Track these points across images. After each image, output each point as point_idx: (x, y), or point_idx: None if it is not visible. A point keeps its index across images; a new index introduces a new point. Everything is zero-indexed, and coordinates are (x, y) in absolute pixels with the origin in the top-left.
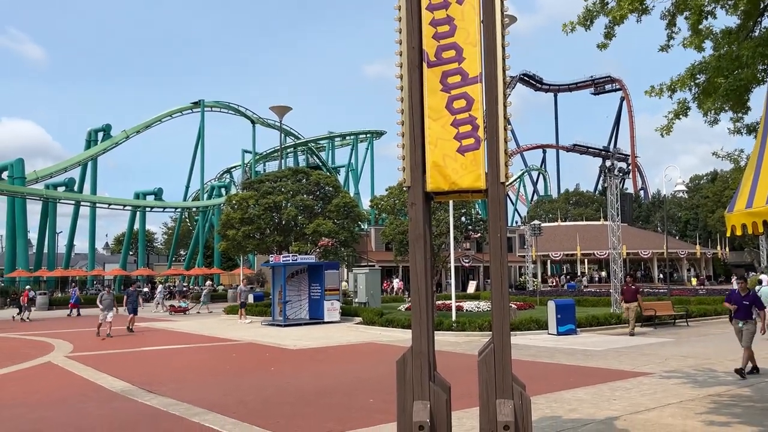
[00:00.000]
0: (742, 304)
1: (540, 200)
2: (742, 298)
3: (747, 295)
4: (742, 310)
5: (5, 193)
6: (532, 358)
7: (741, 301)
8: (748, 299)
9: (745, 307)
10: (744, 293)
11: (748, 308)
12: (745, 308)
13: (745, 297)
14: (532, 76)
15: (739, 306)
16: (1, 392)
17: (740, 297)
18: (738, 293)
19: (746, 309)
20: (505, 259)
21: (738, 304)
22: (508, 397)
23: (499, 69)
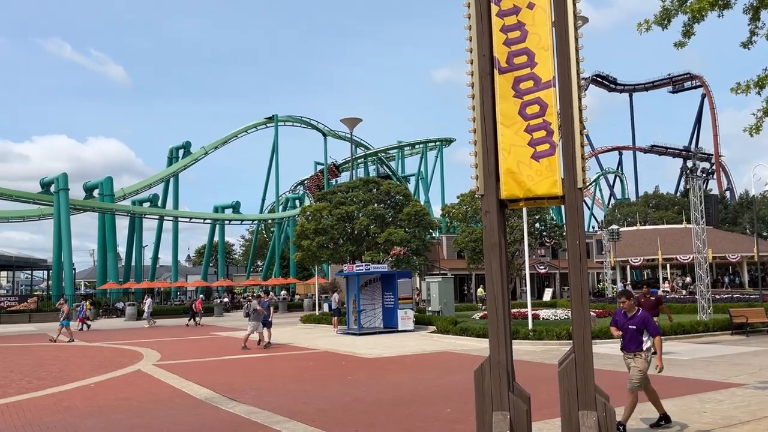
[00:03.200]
0: (628, 329)
1: (617, 204)
2: (627, 320)
3: (634, 317)
4: (628, 336)
5: (96, 210)
6: (613, 367)
7: (626, 325)
8: (636, 322)
9: (633, 333)
10: (631, 313)
11: (637, 334)
12: (632, 335)
13: (631, 319)
14: (606, 77)
15: (625, 331)
16: (99, 399)
17: (625, 319)
18: (623, 314)
19: (634, 336)
20: (585, 267)
21: (623, 329)
22: (592, 408)
23: (573, 72)
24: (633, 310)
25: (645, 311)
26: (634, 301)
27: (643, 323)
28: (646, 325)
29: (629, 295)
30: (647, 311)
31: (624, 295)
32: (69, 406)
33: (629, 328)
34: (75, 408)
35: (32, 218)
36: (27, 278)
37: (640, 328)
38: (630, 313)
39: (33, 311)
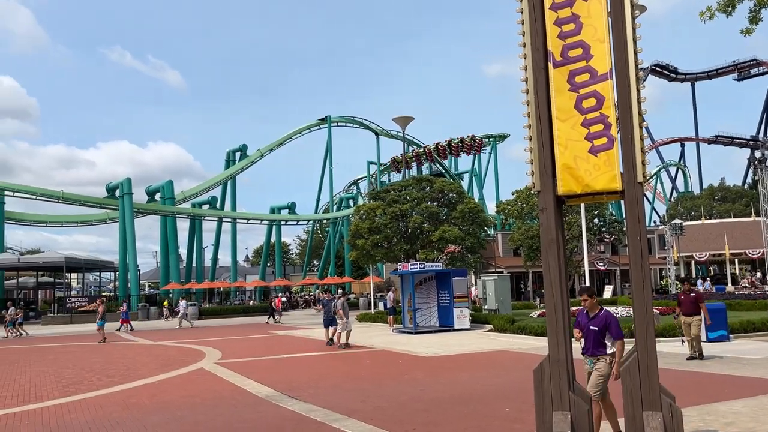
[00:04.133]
0: (590, 331)
1: (680, 197)
2: (589, 321)
3: (596, 317)
4: (590, 339)
5: (159, 213)
6: (678, 366)
7: (588, 326)
8: (597, 323)
9: (595, 335)
10: (593, 313)
11: (600, 337)
12: (594, 337)
13: (593, 319)
14: (666, 66)
15: (586, 334)
16: (165, 396)
17: (587, 319)
18: (585, 313)
19: (596, 338)
20: (647, 263)
21: (585, 332)
22: (656, 408)
23: (631, 64)
24: (595, 309)
25: (608, 311)
26: (594, 300)
27: (605, 324)
28: (609, 327)
29: (591, 292)
30: (690, 308)
31: (585, 292)
32: (136, 402)
33: (591, 330)
34: (142, 405)
35: (99, 222)
36: (95, 280)
37: (602, 329)
38: (592, 313)
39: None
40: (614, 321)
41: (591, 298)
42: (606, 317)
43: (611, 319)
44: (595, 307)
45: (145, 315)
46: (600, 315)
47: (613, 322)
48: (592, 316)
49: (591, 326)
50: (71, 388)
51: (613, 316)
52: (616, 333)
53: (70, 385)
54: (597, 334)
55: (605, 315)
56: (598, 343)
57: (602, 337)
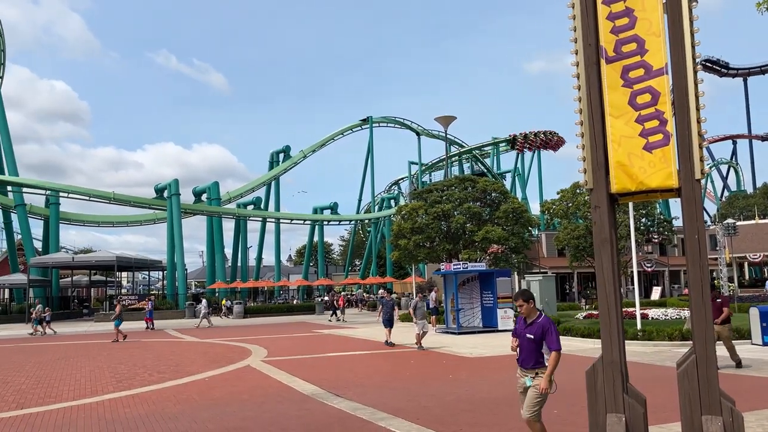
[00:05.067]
0: (526, 340)
1: (732, 196)
2: (525, 328)
3: (533, 324)
4: (525, 349)
5: (205, 213)
6: (734, 370)
7: (524, 334)
8: (534, 330)
9: (530, 345)
10: (530, 319)
11: (536, 346)
12: (529, 347)
13: (530, 326)
14: (716, 62)
15: (521, 343)
16: (214, 392)
17: (523, 326)
18: (522, 320)
19: (532, 348)
20: (705, 263)
21: (520, 341)
22: (716, 413)
23: (689, 58)
24: (533, 315)
25: (548, 318)
26: (532, 304)
27: (543, 332)
28: (546, 335)
29: (527, 297)
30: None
31: (520, 297)
32: (187, 398)
33: (526, 338)
34: (192, 400)
35: (148, 222)
36: (144, 278)
37: (539, 338)
38: (529, 320)
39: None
40: (553, 329)
41: (527, 302)
42: (544, 324)
43: (550, 327)
44: (532, 313)
45: (192, 313)
46: (537, 322)
47: (552, 330)
48: (528, 323)
49: (527, 334)
50: (125, 383)
51: (553, 324)
52: (553, 343)
53: (123, 380)
54: (533, 343)
55: (543, 322)
56: (535, 354)
57: (540, 347)
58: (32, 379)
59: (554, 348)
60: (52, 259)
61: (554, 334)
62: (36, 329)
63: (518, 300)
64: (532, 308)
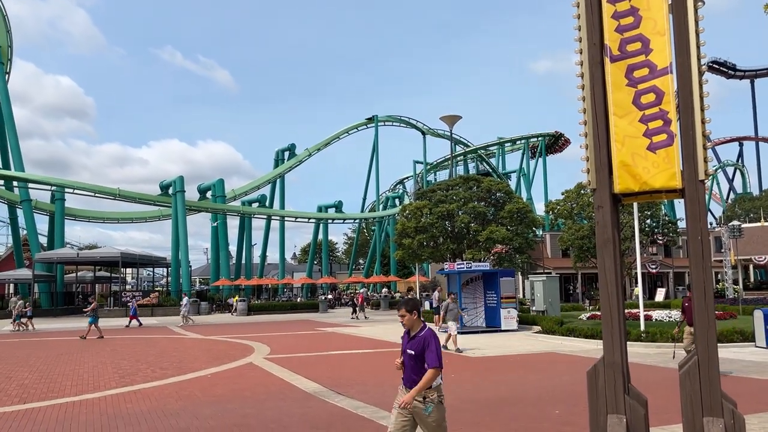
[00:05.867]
0: (407, 356)
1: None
2: (408, 342)
3: (415, 337)
4: (408, 367)
5: (210, 210)
6: (738, 373)
7: (405, 349)
8: (415, 345)
9: (412, 361)
10: (414, 332)
11: (418, 364)
12: (412, 363)
13: (412, 340)
14: (724, 63)
15: (405, 360)
16: (215, 389)
17: (407, 341)
18: (407, 332)
19: (414, 366)
20: (709, 264)
21: (404, 357)
22: (718, 415)
23: (693, 58)
24: (416, 327)
25: (432, 330)
26: (417, 315)
27: (423, 347)
28: (426, 350)
29: (411, 307)
30: (691, 318)
31: (403, 306)
32: (189, 394)
33: (408, 354)
34: (194, 396)
35: (153, 219)
36: (149, 275)
37: (419, 354)
38: (413, 332)
39: (155, 306)
40: (434, 343)
41: (410, 313)
42: (425, 338)
43: (430, 341)
44: (416, 325)
45: (196, 310)
46: (419, 336)
47: (433, 344)
48: (411, 337)
49: (408, 350)
50: (127, 379)
51: (435, 338)
52: (432, 360)
53: (126, 376)
54: (415, 360)
55: (425, 335)
56: (416, 371)
57: (421, 363)
58: (35, 374)
59: (432, 365)
60: (57, 255)
61: (435, 348)
62: (19, 325)
63: (400, 310)
64: (415, 320)
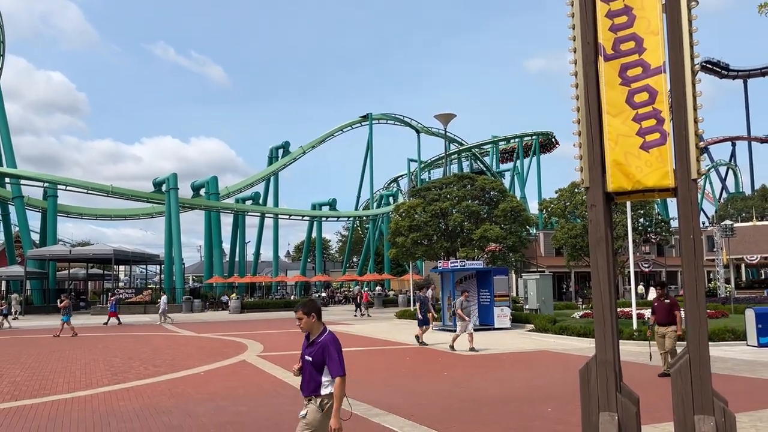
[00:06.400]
0: (305, 362)
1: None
2: (306, 348)
3: (314, 343)
4: (305, 373)
5: (203, 208)
6: (729, 371)
7: (304, 356)
8: (314, 351)
9: (309, 368)
10: (313, 337)
11: (315, 371)
12: (309, 371)
13: (311, 345)
14: (717, 63)
15: (303, 366)
16: (209, 386)
17: (306, 346)
18: (306, 336)
19: (311, 372)
20: (700, 263)
21: (303, 363)
22: (709, 413)
23: (687, 57)
24: (316, 331)
25: (332, 335)
26: (316, 319)
27: (322, 354)
28: (327, 357)
29: (309, 309)
30: (661, 318)
31: (301, 308)
32: (182, 392)
33: (305, 360)
34: (187, 394)
35: (146, 216)
36: (142, 272)
37: (318, 360)
38: (312, 337)
39: (147, 303)
40: (334, 349)
41: (308, 315)
42: (324, 345)
43: (331, 347)
44: (315, 329)
45: (189, 308)
46: (319, 341)
47: (333, 350)
48: (310, 342)
49: (306, 356)
50: (120, 377)
51: (337, 342)
52: (335, 368)
53: (118, 374)
54: (312, 366)
55: (325, 340)
56: (313, 379)
57: (320, 371)
58: (27, 371)
59: (336, 373)
60: (49, 252)
61: (336, 355)
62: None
63: (297, 312)
64: (314, 323)
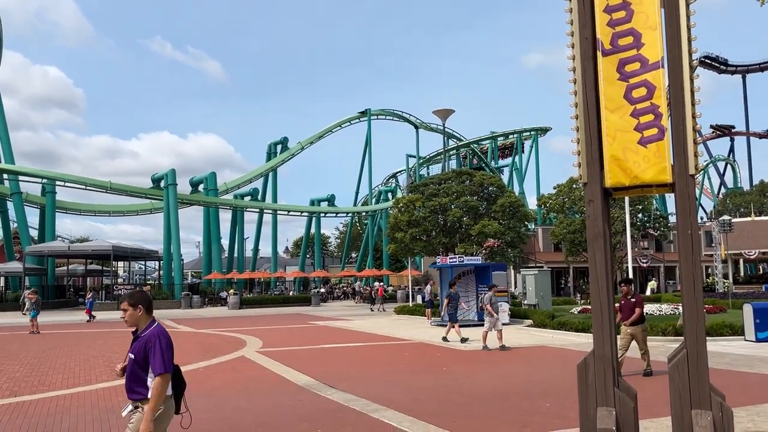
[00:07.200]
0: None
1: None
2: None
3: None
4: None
5: (202, 204)
6: (727, 366)
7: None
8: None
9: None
10: (139, 330)
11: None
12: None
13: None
14: (715, 58)
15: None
16: (207, 382)
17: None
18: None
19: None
20: (698, 258)
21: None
22: (706, 407)
23: (685, 52)
24: (143, 324)
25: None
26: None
27: (145, 349)
28: (149, 353)
29: (135, 300)
30: (628, 316)
31: (126, 299)
32: None
33: (129, 358)
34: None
35: (145, 212)
36: (140, 268)
37: (141, 358)
38: (139, 331)
39: None
40: (158, 346)
41: (133, 308)
42: (148, 339)
43: (156, 343)
44: (141, 323)
45: (188, 303)
46: (142, 336)
47: (158, 346)
48: (136, 336)
49: (130, 352)
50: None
51: (163, 338)
52: (157, 365)
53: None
54: (135, 365)
55: (150, 334)
56: (135, 379)
57: (144, 370)
58: (26, 368)
59: (158, 371)
60: (48, 248)
61: (159, 351)
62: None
63: (122, 303)
64: (140, 316)
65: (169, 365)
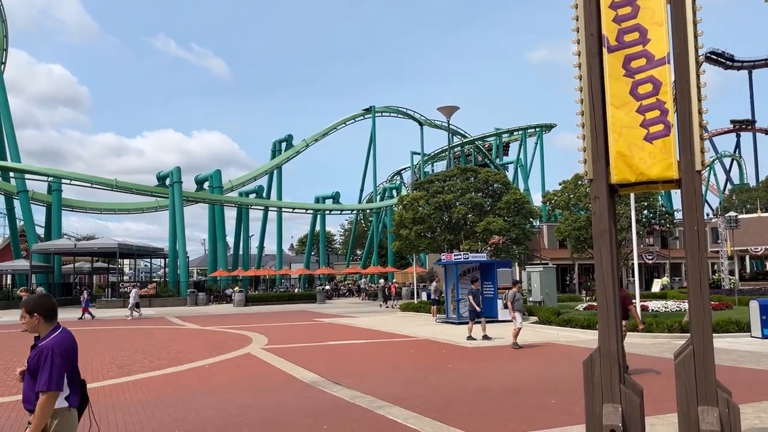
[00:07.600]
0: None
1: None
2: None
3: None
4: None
5: (207, 201)
6: (733, 363)
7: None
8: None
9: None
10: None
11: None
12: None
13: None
14: (722, 54)
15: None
16: (214, 379)
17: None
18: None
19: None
20: (704, 254)
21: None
22: (712, 404)
23: (691, 48)
24: (43, 333)
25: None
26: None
27: (38, 360)
28: (40, 366)
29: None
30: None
31: (24, 306)
32: (187, 384)
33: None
34: (192, 387)
35: (150, 209)
36: (146, 266)
37: (33, 369)
38: (40, 338)
39: (152, 296)
40: (49, 359)
41: (30, 315)
42: (41, 350)
43: (48, 355)
44: (40, 331)
45: (194, 301)
46: (39, 345)
47: (48, 360)
48: (33, 346)
49: (28, 362)
50: (125, 369)
51: (57, 349)
52: (42, 381)
53: (124, 366)
54: (29, 375)
55: (45, 345)
56: (32, 392)
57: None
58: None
59: (41, 387)
60: (54, 246)
61: (49, 366)
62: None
63: (22, 309)
64: (38, 324)
65: (57, 383)
